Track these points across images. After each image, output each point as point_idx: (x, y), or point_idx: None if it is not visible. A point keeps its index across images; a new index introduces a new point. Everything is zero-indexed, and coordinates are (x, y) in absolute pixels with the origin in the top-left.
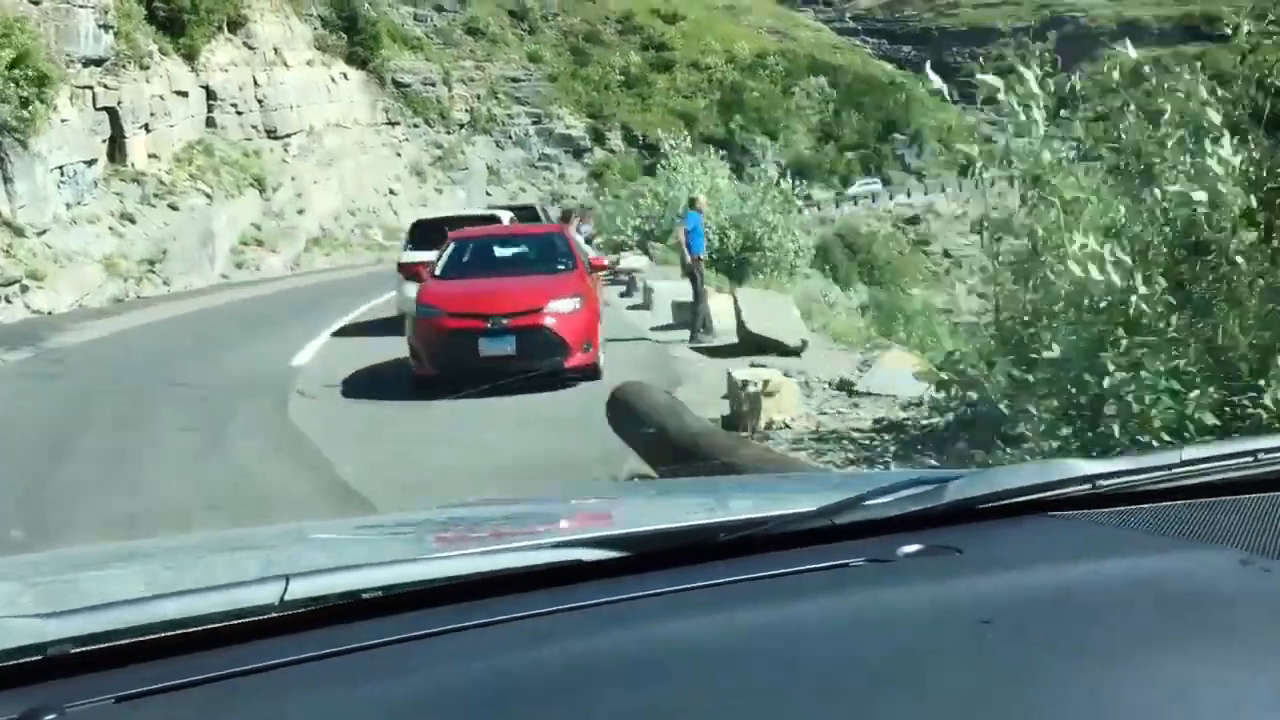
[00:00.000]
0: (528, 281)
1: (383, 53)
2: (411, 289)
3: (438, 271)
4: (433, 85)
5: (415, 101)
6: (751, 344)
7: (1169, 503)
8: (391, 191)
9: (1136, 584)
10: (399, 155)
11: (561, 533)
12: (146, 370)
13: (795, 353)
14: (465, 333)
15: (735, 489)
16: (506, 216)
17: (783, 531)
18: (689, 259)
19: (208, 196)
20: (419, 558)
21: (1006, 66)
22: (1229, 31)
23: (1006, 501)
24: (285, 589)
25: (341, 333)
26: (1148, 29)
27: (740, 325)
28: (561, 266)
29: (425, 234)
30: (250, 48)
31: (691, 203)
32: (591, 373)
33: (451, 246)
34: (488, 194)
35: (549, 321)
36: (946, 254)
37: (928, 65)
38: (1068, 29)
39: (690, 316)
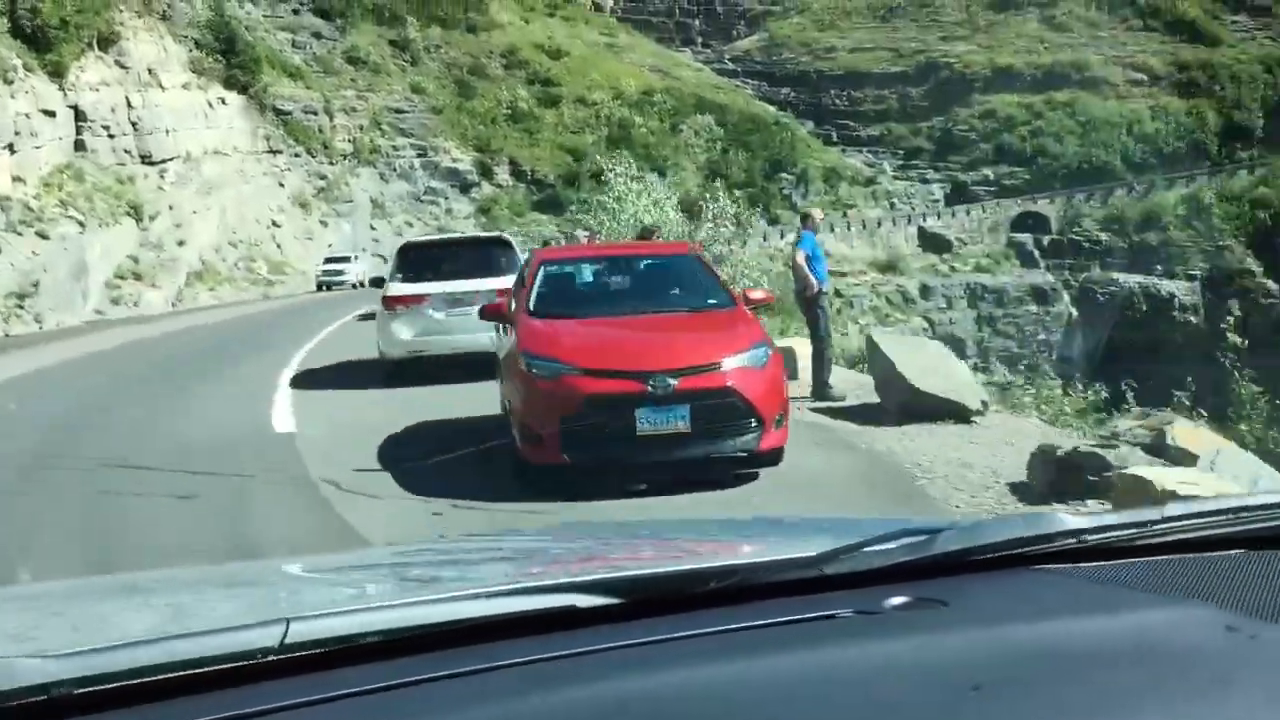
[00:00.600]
0: (685, 323)
1: (263, 78)
2: (401, 328)
3: (531, 306)
4: (314, 114)
5: (297, 130)
6: (908, 405)
7: (1153, 558)
8: (274, 223)
9: (1120, 641)
10: (281, 185)
11: (556, 575)
12: (79, 438)
13: (968, 418)
14: (614, 400)
15: (729, 531)
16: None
17: (773, 580)
18: (811, 289)
19: (80, 225)
20: (416, 601)
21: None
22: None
23: (994, 554)
24: (285, 632)
25: (302, 383)
26: (1020, 75)
27: (894, 380)
28: (713, 301)
29: (417, 260)
30: (123, 67)
31: (804, 219)
32: (773, 457)
33: (543, 272)
34: (372, 228)
35: (734, 383)
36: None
37: None
38: (943, 74)
39: (816, 367)
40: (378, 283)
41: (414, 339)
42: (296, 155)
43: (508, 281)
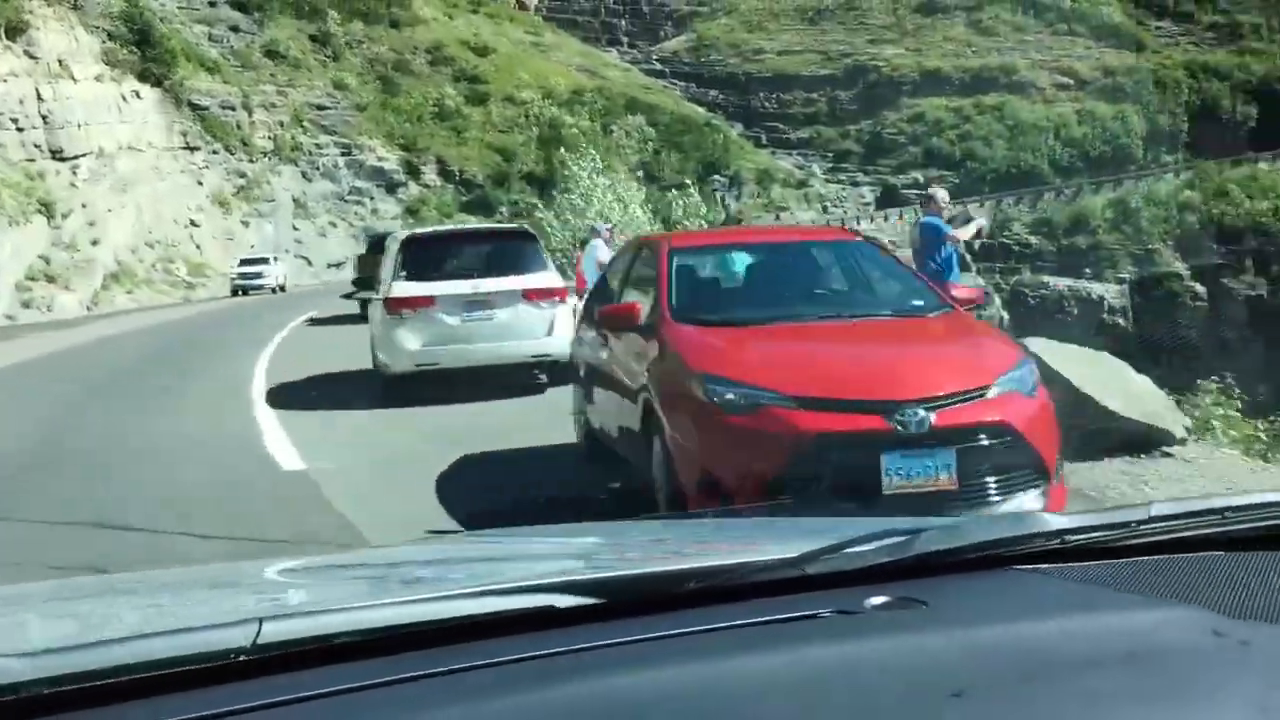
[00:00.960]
0: (906, 333)
1: (179, 71)
2: (408, 336)
3: (674, 308)
4: (233, 109)
5: (215, 126)
6: (1089, 432)
7: (1137, 559)
8: (193, 223)
9: (1104, 642)
10: (200, 184)
11: (536, 576)
12: (39, 478)
13: (1165, 448)
14: (851, 441)
15: (712, 532)
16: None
17: (755, 580)
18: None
19: None
20: (392, 601)
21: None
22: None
23: (976, 555)
24: (258, 632)
25: (282, 402)
26: (948, 79)
27: (1070, 401)
28: (919, 302)
29: (423, 255)
30: (32, 57)
31: (927, 202)
32: None
33: (678, 264)
34: (295, 228)
35: (1009, 417)
36: None
37: None
38: (871, 78)
39: None
40: (364, 284)
41: (424, 349)
42: (215, 152)
43: (535, 280)
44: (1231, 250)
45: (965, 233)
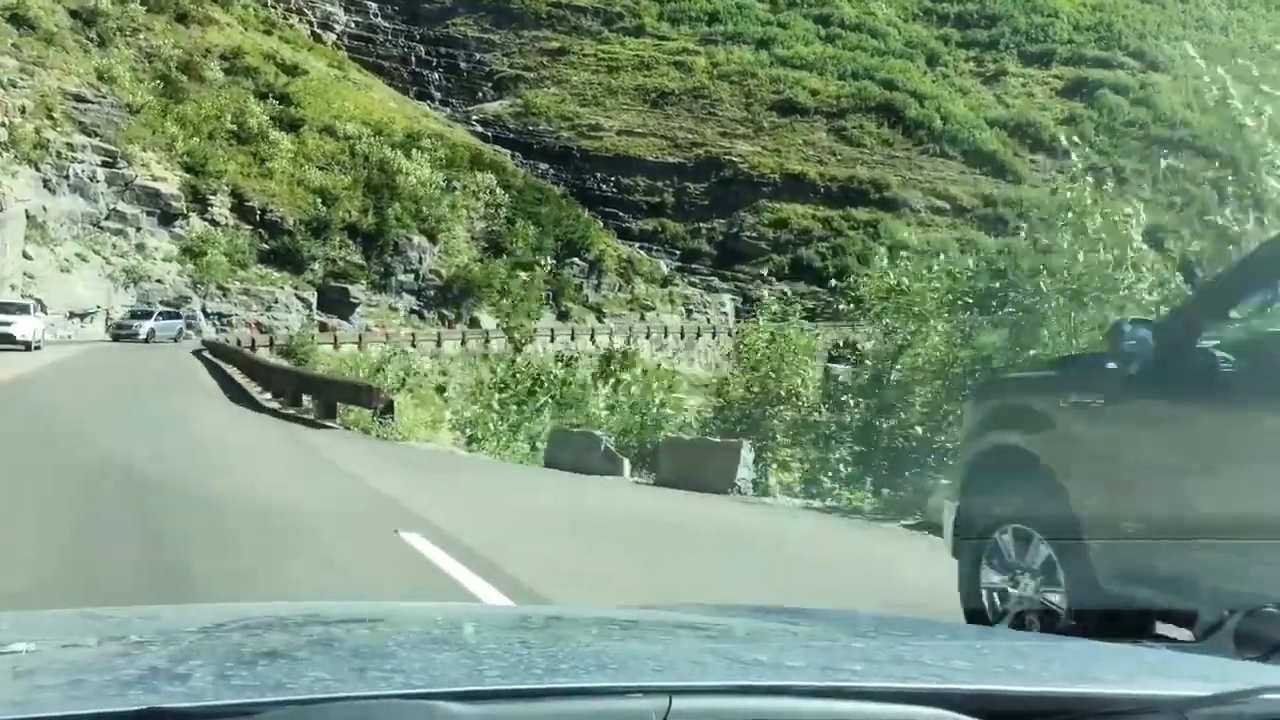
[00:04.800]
0: None
1: None
2: None
3: None
4: None
5: None
6: None
7: None
8: None
9: None
10: None
11: (910, 678)
12: None
13: None
14: None
15: (1077, 653)
16: None
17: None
18: None
19: None
20: (782, 686)
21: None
22: None
23: None
24: (668, 710)
25: None
26: (812, 186)
27: None
28: None
29: None
30: None
31: None
32: None
33: None
34: (26, 256)
35: None
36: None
37: None
38: (727, 173)
39: None
40: None
41: None
42: None
43: None
44: None
45: None
